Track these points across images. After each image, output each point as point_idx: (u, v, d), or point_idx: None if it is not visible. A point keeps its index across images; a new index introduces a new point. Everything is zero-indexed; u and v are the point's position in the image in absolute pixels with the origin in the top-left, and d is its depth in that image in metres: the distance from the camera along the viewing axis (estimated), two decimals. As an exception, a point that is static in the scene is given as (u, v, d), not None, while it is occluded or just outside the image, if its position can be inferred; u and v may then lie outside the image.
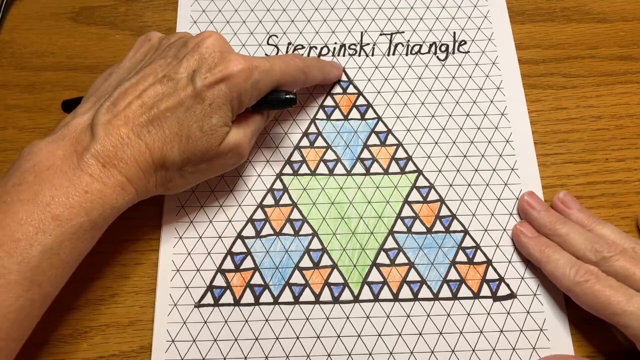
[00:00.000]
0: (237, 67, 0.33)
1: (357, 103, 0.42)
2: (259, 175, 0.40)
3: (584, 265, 0.33)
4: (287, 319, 0.36)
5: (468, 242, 0.38)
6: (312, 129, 0.41)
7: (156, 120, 0.32)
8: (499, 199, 0.39)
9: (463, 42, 0.44)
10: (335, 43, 0.45)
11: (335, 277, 0.37)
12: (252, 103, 0.35)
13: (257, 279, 0.37)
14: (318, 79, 0.41)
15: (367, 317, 0.36)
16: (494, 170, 0.40)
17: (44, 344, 0.35)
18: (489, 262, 0.37)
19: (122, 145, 0.31)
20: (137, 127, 0.32)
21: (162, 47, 0.36)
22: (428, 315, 0.36)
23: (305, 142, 0.41)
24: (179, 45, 0.35)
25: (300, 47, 0.44)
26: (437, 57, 0.44)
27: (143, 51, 0.36)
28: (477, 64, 0.44)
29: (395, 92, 0.43)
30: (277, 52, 0.44)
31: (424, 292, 0.36)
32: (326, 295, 0.36)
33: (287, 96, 0.35)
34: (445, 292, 0.36)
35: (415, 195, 0.39)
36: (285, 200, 0.39)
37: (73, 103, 0.37)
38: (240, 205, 0.39)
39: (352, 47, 0.44)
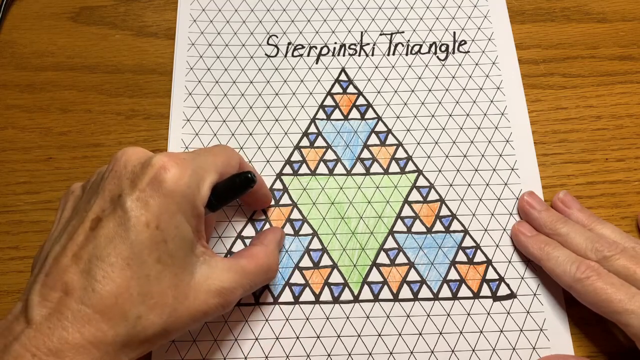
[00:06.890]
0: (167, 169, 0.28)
1: (357, 103, 0.42)
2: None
3: (585, 261, 0.33)
4: (287, 319, 0.36)
5: (468, 242, 0.38)
6: (312, 129, 0.41)
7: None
8: (499, 199, 0.39)
9: (463, 42, 0.44)
10: (335, 43, 0.45)
11: (335, 277, 0.37)
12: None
13: (257, 279, 0.37)
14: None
15: (367, 317, 0.36)
16: (494, 170, 0.40)
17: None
18: (489, 262, 0.37)
19: (63, 327, 0.25)
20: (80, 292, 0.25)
21: (87, 193, 0.30)
22: (428, 315, 0.36)
23: (305, 142, 0.41)
24: (98, 181, 0.30)
25: (300, 47, 0.44)
26: (437, 57, 0.44)
27: (69, 206, 0.31)
28: (477, 64, 0.44)
29: (395, 92, 0.43)
30: (277, 52, 0.44)
31: (424, 292, 0.36)
32: (326, 295, 0.36)
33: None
34: (445, 292, 0.36)
35: (415, 195, 0.39)
36: (285, 200, 0.39)
37: None
38: (240, 205, 0.39)
39: (352, 47, 0.44)
